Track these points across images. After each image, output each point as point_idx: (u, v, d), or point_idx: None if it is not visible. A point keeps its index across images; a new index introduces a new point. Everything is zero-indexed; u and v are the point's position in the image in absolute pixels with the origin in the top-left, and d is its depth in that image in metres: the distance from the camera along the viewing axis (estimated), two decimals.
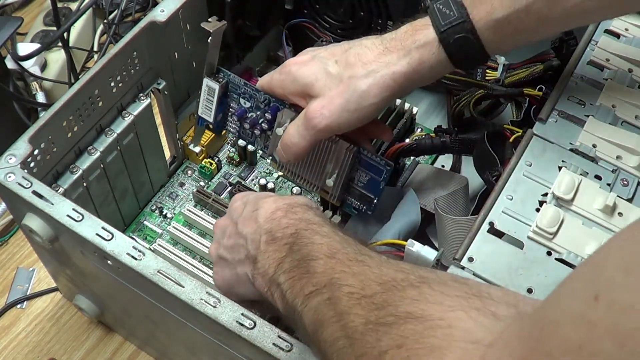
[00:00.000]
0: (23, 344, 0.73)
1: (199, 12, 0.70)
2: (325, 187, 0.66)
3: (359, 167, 0.64)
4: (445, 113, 0.81)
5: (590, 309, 0.27)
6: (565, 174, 0.57)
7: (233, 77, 0.68)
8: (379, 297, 0.40)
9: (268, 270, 0.49)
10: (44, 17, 0.94)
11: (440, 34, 0.56)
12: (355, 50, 0.58)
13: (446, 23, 0.55)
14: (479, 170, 0.68)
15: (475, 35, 0.55)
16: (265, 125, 0.67)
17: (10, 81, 0.82)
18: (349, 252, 0.46)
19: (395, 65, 0.57)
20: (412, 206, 0.68)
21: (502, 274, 0.53)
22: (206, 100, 0.69)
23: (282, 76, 0.62)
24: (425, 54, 0.56)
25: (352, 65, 0.58)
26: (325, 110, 0.58)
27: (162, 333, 0.64)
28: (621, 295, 0.26)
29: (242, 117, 0.68)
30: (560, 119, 0.61)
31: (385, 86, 0.57)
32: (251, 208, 0.54)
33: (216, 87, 0.67)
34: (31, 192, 0.54)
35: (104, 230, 0.53)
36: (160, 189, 0.79)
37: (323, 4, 0.80)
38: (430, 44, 0.56)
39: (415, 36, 0.57)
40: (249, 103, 0.67)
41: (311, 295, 0.44)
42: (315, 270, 0.45)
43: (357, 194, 0.66)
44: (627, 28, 0.68)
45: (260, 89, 0.66)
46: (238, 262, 0.53)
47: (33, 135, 0.58)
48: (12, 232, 0.80)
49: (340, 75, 0.58)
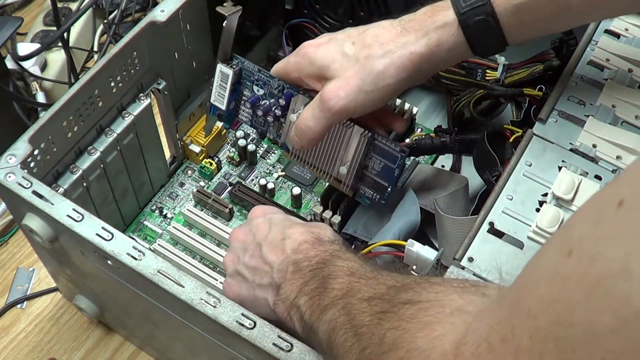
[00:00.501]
0: (23, 344, 0.73)
1: (199, 12, 0.70)
2: (338, 176, 0.65)
3: (373, 154, 0.63)
4: (445, 113, 0.81)
5: (563, 265, 0.28)
6: (565, 174, 0.57)
7: (247, 63, 0.67)
8: (386, 295, 0.42)
9: (290, 296, 0.50)
10: (44, 17, 0.94)
11: (460, 16, 0.55)
12: (372, 31, 0.58)
13: (467, 5, 0.55)
14: (479, 170, 0.68)
15: (495, 18, 0.55)
16: (278, 112, 0.66)
17: (10, 81, 0.82)
18: (366, 270, 0.47)
19: (413, 45, 0.56)
20: (412, 207, 0.68)
21: (502, 274, 0.52)
22: (219, 87, 0.67)
23: (298, 58, 0.61)
24: (444, 35, 0.56)
25: (370, 45, 0.57)
26: (342, 91, 0.57)
27: (162, 333, 0.64)
28: (590, 246, 0.27)
29: (255, 105, 0.67)
30: (560, 119, 0.61)
31: (402, 66, 0.56)
32: (279, 236, 0.55)
33: (230, 73, 0.66)
34: (31, 192, 0.54)
35: (104, 230, 0.53)
36: (160, 189, 0.79)
37: (323, 4, 0.80)
38: (450, 25, 0.56)
39: (434, 17, 0.56)
40: (262, 90, 0.66)
41: (327, 308, 0.46)
42: (333, 287, 0.47)
43: (370, 183, 0.65)
44: (627, 28, 0.68)
45: (275, 74, 0.64)
46: (259, 286, 0.54)
47: (33, 135, 0.58)
48: (12, 232, 0.80)
49: (357, 55, 0.57)
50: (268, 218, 0.59)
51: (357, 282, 0.46)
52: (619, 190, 0.27)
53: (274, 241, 0.55)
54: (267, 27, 0.80)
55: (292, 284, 0.51)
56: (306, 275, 0.50)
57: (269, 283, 0.53)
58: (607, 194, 0.29)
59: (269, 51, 0.84)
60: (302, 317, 0.49)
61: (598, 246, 0.27)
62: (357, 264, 0.48)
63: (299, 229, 0.55)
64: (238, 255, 0.58)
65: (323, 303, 0.46)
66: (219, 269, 0.71)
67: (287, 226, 0.56)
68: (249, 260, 0.56)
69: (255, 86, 0.67)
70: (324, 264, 0.50)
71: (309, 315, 0.48)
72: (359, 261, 0.49)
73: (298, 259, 0.52)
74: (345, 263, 0.49)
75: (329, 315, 0.45)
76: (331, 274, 0.48)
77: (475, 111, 0.75)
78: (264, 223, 0.58)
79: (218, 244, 0.74)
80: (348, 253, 0.51)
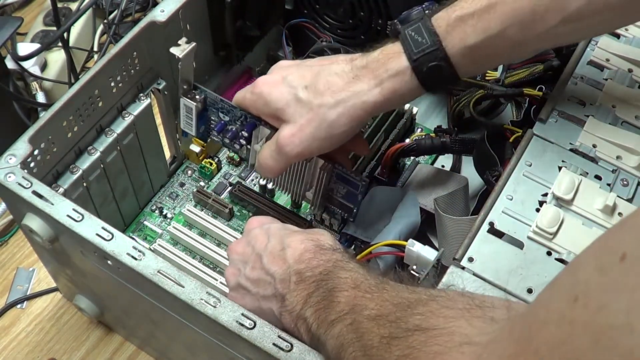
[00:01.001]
0: (23, 344, 0.73)
1: (199, 12, 0.70)
2: (306, 198, 0.68)
3: (336, 181, 0.66)
4: (445, 113, 0.81)
5: (571, 309, 0.29)
6: (565, 174, 0.57)
7: (209, 93, 0.68)
8: (393, 315, 0.42)
9: (295, 307, 0.50)
10: (44, 17, 0.94)
11: (413, 63, 0.56)
12: (324, 76, 0.58)
13: (419, 51, 0.55)
14: (479, 170, 0.68)
15: (448, 62, 0.55)
16: (243, 141, 0.68)
17: (10, 81, 0.82)
18: (371, 283, 0.47)
19: (366, 94, 0.57)
20: (412, 208, 0.68)
21: (502, 274, 0.53)
22: (186, 116, 0.69)
23: (254, 97, 0.62)
24: (397, 83, 0.56)
25: (322, 93, 0.58)
26: (296, 139, 0.58)
27: (162, 333, 0.64)
28: (596, 296, 0.28)
29: (222, 132, 0.69)
30: (560, 119, 0.61)
31: (355, 116, 0.57)
32: (279, 245, 0.55)
33: (192, 106, 0.68)
34: (31, 192, 0.54)
35: (104, 230, 0.53)
36: (160, 189, 0.79)
37: (323, 4, 0.80)
38: (403, 72, 0.56)
39: (387, 64, 0.56)
40: (227, 117, 0.68)
41: (334, 322, 0.46)
42: (339, 300, 0.47)
43: (337, 203, 0.67)
44: (627, 28, 0.68)
45: (236, 105, 0.66)
46: (263, 297, 0.54)
47: (33, 135, 0.58)
48: (12, 232, 0.80)
49: (310, 102, 0.58)
50: (265, 228, 0.59)
51: (362, 296, 0.46)
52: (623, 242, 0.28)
53: (274, 251, 0.55)
54: (267, 27, 0.80)
55: (297, 294, 0.51)
56: (310, 286, 0.50)
57: (273, 294, 0.53)
58: (611, 242, 0.30)
59: (269, 51, 0.84)
60: (310, 329, 0.49)
61: (603, 296, 0.28)
62: (361, 275, 0.48)
63: (298, 236, 0.55)
64: (239, 268, 0.58)
65: (330, 317, 0.47)
66: (219, 269, 0.72)
67: (286, 235, 0.56)
68: (250, 272, 0.56)
69: (221, 113, 0.68)
70: (327, 274, 0.50)
71: (316, 328, 0.48)
72: (362, 271, 0.49)
73: (301, 269, 0.52)
74: (349, 274, 0.49)
75: (336, 330, 0.46)
76: (336, 286, 0.48)
77: (475, 111, 0.75)
78: (262, 234, 0.58)
79: (218, 244, 0.74)
80: (351, 263, 0.51)
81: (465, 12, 0.54)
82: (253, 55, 0.81)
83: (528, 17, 0.53)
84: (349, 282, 0.48)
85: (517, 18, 0.53)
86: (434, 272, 0.57)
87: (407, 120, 0.78)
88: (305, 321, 0.49)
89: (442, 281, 0.52)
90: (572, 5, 0.52)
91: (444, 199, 0.67)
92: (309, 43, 0.80)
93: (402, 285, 0.46)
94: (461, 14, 0.54)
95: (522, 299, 0.51)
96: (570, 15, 0.52)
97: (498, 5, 0.53)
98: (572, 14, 0.52)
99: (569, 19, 0.52)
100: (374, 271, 0.50)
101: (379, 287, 0.46)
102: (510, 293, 0.52)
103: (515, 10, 0.53)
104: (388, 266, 0.62)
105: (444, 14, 0.56)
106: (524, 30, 0.53)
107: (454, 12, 0.55)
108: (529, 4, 0.53)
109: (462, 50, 0.55)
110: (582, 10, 0.52)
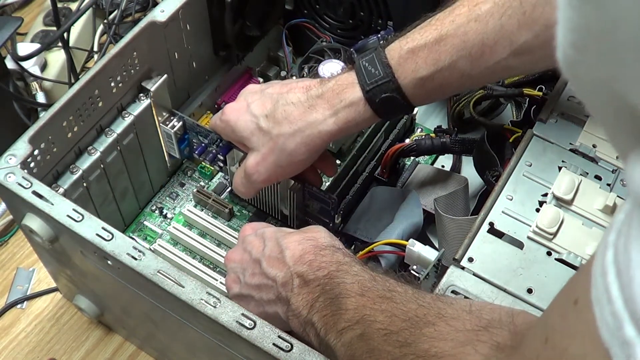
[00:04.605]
0: (23, 344, 0.73)
1: (199, 12, 0.70)
2: (283, 213, 0.72)
3: (309, 198, 0.67)
4: (445, 113, 0.81)
5: (543, 349, 0.32)
6: (565, 174, 0.57)
7: (187, 119, 0.71)
8: (403, 334, 0.44)
9: (302, 312, 0.50)
10: (44, 17, 0.94)
11: (366, 94, 0.57)
12: (281, 106, 0.60)
13: (372, 82, 0.56)
14: (479, 170, 0.68)
15: (401, 93, 0.56)
16: (220, 164, 0.71)
17: (10, 81, 0.82)
18: (378, 290, 0.48)
19: (322, 124, 0.58)
20: (415, 208, 0.68)
21: (502, 274, 0.53)
22: (167, 142, 0.72)
23: (222, 124, 0.64)
24: (351, 113, 0.57)
25: (280, 122, 0.59)
26: (261, 167, 0.61)
27: (162, 333, 0.64)
28: (558, 339, 0.31)
29: (203, 153, 0.72)
30: (560, 119, 0.61)
31: (312, 144, 0.59)
32: (276, 249, 0.55)
33: (171, 133, 0.71)
34: (31, 192, 0.54)
35: (104, 231, 0.53)
36: (160, 189, 0.79)
37: (323, 4, 0.80)
38: (357, 103, 0.57)
39: (341, 95, 0.57)
40: (206, 140, 0.70)
41: (344, 331, 0.47)
42: (347, 308, 0.47)
43: (314, 217, 0.69)
44: None
45: (210, 129, 0.68)
46: (267, 301, 0.55)
47: (33, 135, 0.58)
48: (12, 232, 0.80)
49: (270, 132, 0.60)
50: (260, 233, 0.59)
51: (371, 307, 0.46)
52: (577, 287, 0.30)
53: (272, 255, 0.55)
54: (267, 27, 0.80)
55: (302, 298, 0.51)
56: (315, 290, 0.50)
57: (276, 297, 0.53)
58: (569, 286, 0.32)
59: (269, 51, 0.84)
60: (318, 334, 0.49)
61: (564, 340, 0.30)
62: (367, 281, 0.49)
63: (295, 237, 0.55)
64: (238, 276, 0.58)
65: (339, 325, 0.47)
66: (219, 269, 0.72)
67: (282, 237, 0.56)
68: (250, 278, 0.56)
69: (200, 136, 0.71)
70: (331, 279, 0.50)
71: (325, 333, 0.48)
72: (366, 275, 0.49)
73: (303, 272, 0.52)
74: (354, 279, 0.49)
75: (346, 339, 0.46)
76: (342, 293, 0.48)
77: (475, 111, 0.75)
78: (257, 239, 0.58)
79: (218, 244, 0.74)
80: (355, 266, 0.51)
81: (417, 44, 0.55)
82: (253, 55, 0.81)
83: (477, 50, 0.54)
84: (355, 289, 0.48)
85: (467, 50, 0.54)
86: (434, 272, 0.57)
87: (407, 121, 0.78)
88: (313, 326, 0.49)
89: (442, 281, 0.52)
90: (520, 39, 0.52)
91: (444, 199, 0.67)
92: (309, 43, 0.80)
93: (409, 292, 0.47)
94: (413, 46, 0.55)
95: (522, 299, 0.51)
96: (519, 48, 0.53)
97: (448, 37, 0.54)
98: (521, 47, 0.52)
99: (519, 52, 0.53)
100: (376, 272, 0.50)
101: (387, 296, 0.47)
102: (510, 293, 0.52)
103: (465, 43, 0.54)
104: (390, 265, 0.62)
105: (396, 45, 0.56)
106: (473, 62, 0.54)
107: (407, 43, 0.56)
108: (478, 36, 0.53)
109: (414, 82, 0.56)
110: (531, 43, 0.52)
